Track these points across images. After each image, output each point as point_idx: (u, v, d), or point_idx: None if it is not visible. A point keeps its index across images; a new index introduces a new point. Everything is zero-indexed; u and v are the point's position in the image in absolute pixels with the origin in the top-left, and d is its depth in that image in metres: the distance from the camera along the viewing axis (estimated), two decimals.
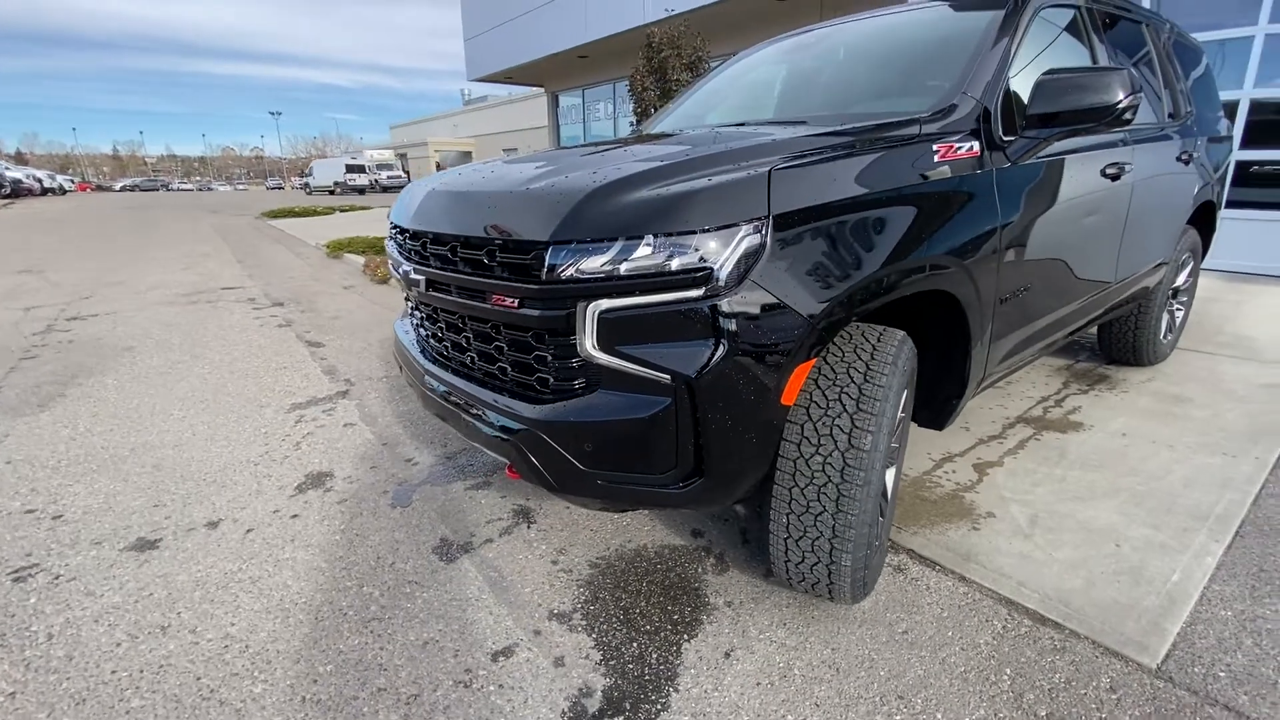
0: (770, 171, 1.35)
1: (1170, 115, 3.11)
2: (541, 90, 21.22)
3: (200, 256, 9.60)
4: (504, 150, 41.96)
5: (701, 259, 1.29)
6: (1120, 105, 1.74)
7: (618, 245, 1.30)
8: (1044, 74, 1.86)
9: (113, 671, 1.60)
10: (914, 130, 1.71)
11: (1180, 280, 3.65)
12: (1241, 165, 5.66)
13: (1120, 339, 3.50)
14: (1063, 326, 2.51)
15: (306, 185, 44.25)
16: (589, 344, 1.37)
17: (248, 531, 2.26)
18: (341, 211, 18.50)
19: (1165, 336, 3.62)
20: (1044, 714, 1.46)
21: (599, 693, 1.55)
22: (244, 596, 1.92)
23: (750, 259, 1.30)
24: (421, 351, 1.98)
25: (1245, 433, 2.81)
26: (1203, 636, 1.66)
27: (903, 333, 1.63)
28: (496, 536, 2.20)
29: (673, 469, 1.40)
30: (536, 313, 1.39)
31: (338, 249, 9.00)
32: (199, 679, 1.59)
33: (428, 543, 2.18)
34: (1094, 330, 3.48)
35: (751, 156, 1.44)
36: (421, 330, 1.99)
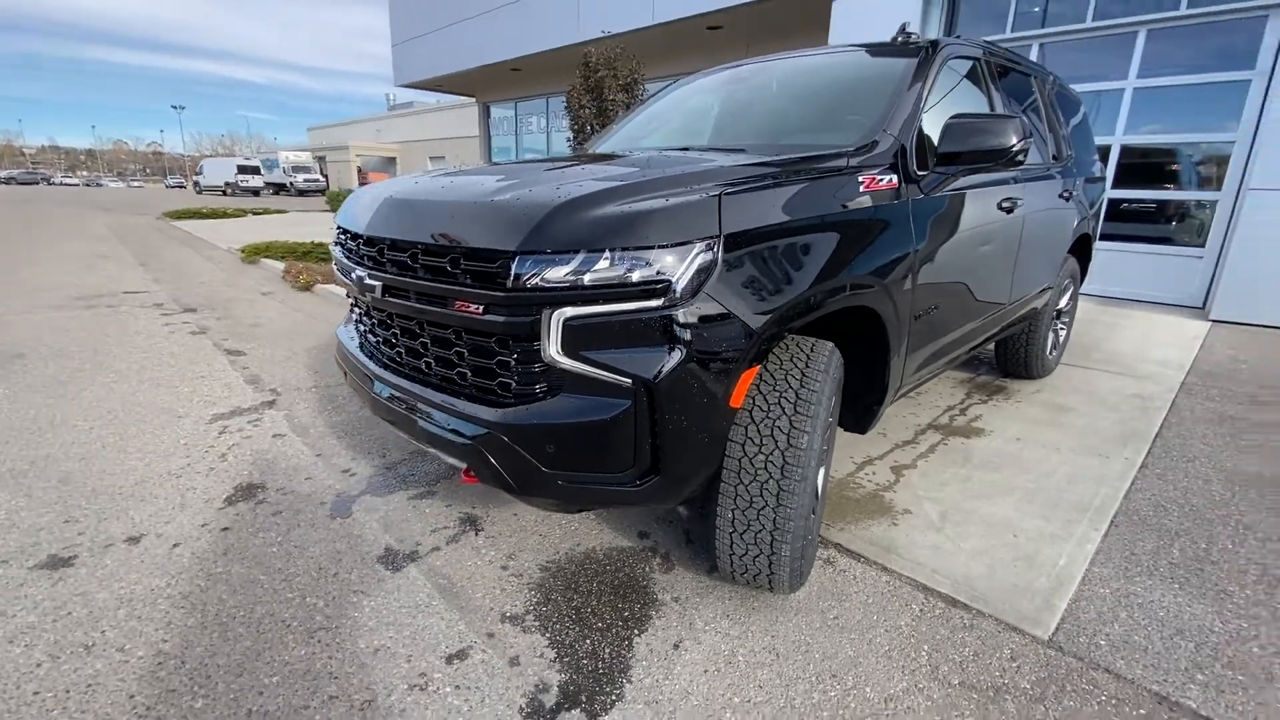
0: (721, 195, 1.48)
1: (1054, 157, 3.53)
2: (473, 100, 20.96)
3: (96, 259, 8.84)
4: (430, 159, 41.03)
5: (659, 272, 1.40)
6: (1015, 148, 2.01)
7: (582, 257, 1.38)
8: (951, 117, 2.11)
9: (35, 693, 1.50)
10: (842, 163, 1.90)
11: (1063, 303, 4.11)
12: (1113, 203, 6.43)
13: (1013, 355, 3.89)
14: (966, 342, 2.79)
15: (197, 184, 41.66)
16: (553, 349, 1.44)
17: (174, 546, 2.15)
18: (255, 214, 17.50)
19: (1051, 353, 4.06)
20: (956, 683, 1.64)
21: (555, 688, 1.61)
22: (175, 613, 1.83)
23: (704, 273, 1.42)
24: (371, 357, 1.98)
25: (1117, 437, 3.20)
26: (1085, 611, 1.91)
27: (831, 344, 1.80)
28: (444, 544, 2.21)
29: (631, 468, 1.49)
30: (502, 319, 1.45)
31: (254, 253, 8.54)
32: (132, 697, 1.51)
33: (372, 553, 2.15)
34: (991, 347, 3.86)
35: (702, 180, 1.57)
36: (372, 336, 1.99)
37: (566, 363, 1.44)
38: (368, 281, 1.75)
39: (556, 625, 1.83)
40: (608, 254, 1.38)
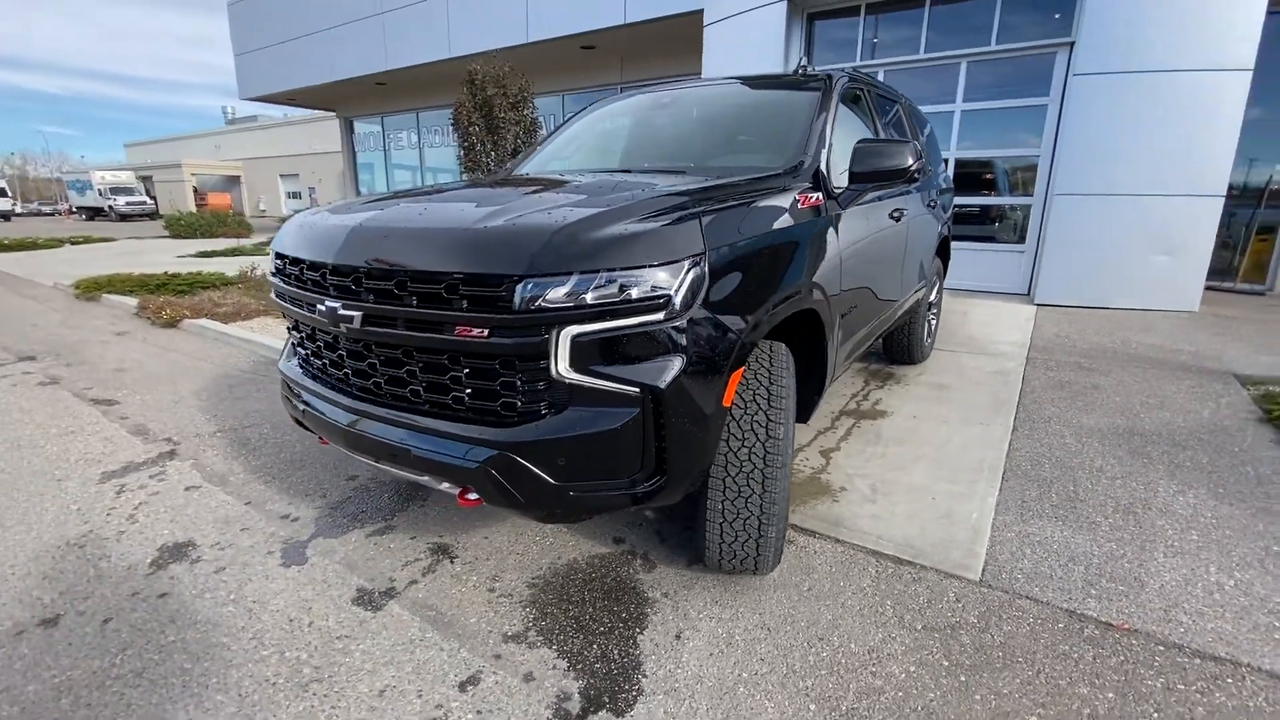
0: (700, 216, 1.63)
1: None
2: (330, 114, 19.71)
3: None
4: (281, 177, 37.84)
5: (655, 288, 1.52)
6: (912, 168, 2.35)
7: (586, 277, 1.47)
8: (859, 141, 2.43)
9: None
10: (783, 183, 2.14)
11: (932, 297, 4.74)
12: (954, 208, 7.45)
13: (899, 344, 4.43)
14: (875, 334, 3.17)
15: None
16: (562, 366, 1.51)
17: (105, 622, 1.92)
18: (74, 244, 15.18)
19: (927, 340, 4.66)
20: (920, 627, 1.90)
21: (576, 694, 1.66)
22: (131, 692, 1.65)
23: (696, 287, 1.56)
24: (340, 390, 1.91)
25: (990, 406, 3.77)
26: (1000, 553, 2.28)
27: (784, 345, 2.02)
28: (420, 577, 2.15)
29: (639, 472, 1.59)
30: (511, 340, 1.49)
31: (92, 289, 7.47)
32: None
33: (344, 596, 2.05)
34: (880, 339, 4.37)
35: (680, 200, 1.71)
36: (340, 368, 1.91)
37: (575, 378, 1.51)
38: (342, 312, 1.70)
39: (560, 636, 1.87)
40: (610, 274, 1.48)
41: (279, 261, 2.08)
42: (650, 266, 1.51)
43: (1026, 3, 6.66)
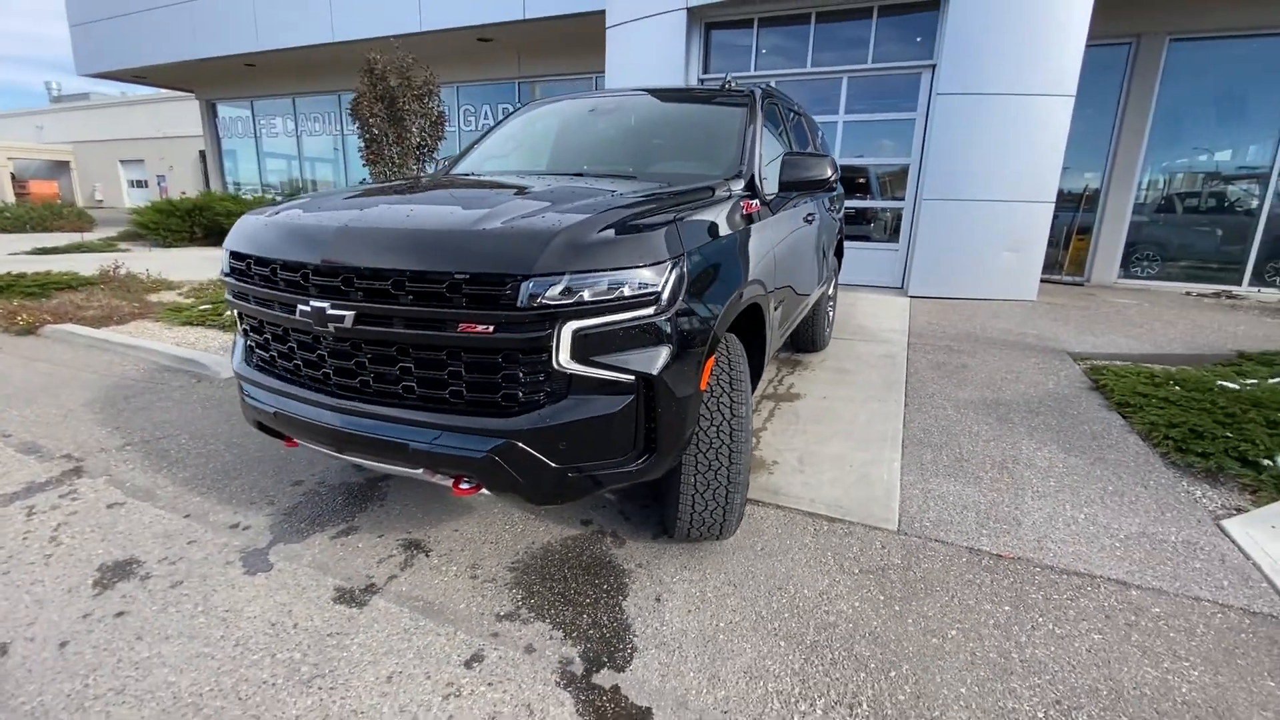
0: (677, 220, 1.84)
1: None
2: (190, 95, 17.77)
3: None
4: (122, 163, 33.52)
5: (645, 285, 1.70)
6: (831, 178, 2.70)
7: (585, 276, 1.63)
8: (785, 154, 2.75)
9: None
10: (728, 190, 2.39)
11: (830, 290, 5.27)
12: None
13: (804, 334, 4.89)
14: (794, 323, 3.55)
15: None
16: (563, 358, 1.65)
17: (62, 645, 1.81)
18: None
19: (827, 330, 5.18)
20: (857, 570, 2.24)
21: (577, 658, 1.82)
22: (120, 710, 1.60)
23: (679, 284, 1.76)
24: (322, 390, 1.91)
25: (883, 385, 4.30)
26: (909, 507, 2.69)
27: (735, 334, 2.28)
28: (399, 572, 2.20)
29: (632, 450, 1.78)
30: (517, 335, 1.62)
31: None
32: None
33: (323, 597, 2.06)
34: None
35: (654, 207, 1.90)
36: (318, 369, 1.92)
37: (576, 368, 1.67)
38: (331, 312, 1.73)
39: (550, 611, 2.01)
40: (606, 274, 1.65)
41: (238, 262, 2.03)
42: (641, 266, 1.69)
43: (896, 27, 7.47)
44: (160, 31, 13.92)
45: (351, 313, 1.72)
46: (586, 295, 1.63)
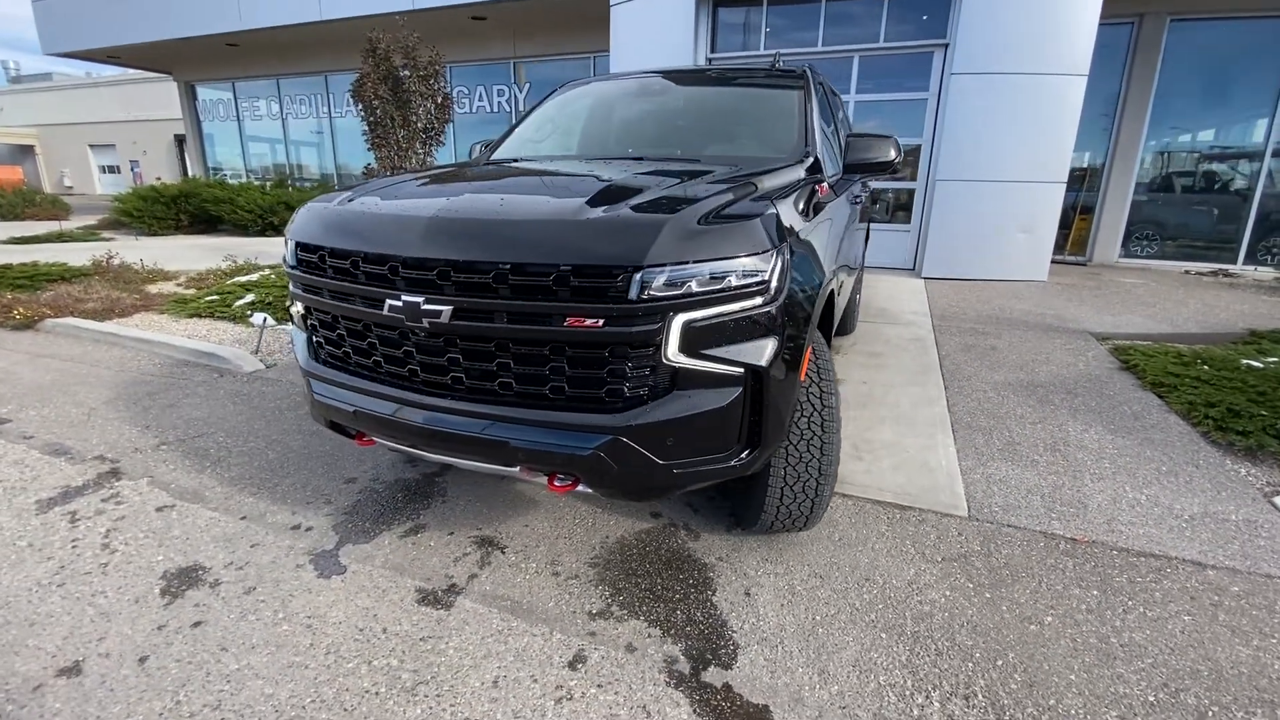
0: (776, 207, 1.77)
1: None
2: (168, 77, 17.13)
3: None
4: (91, 147, 32.45)
5: (753, 274, 1.64)
6: (895, 160, 2.64)
7: (696, 267, 1.56)
8: (849, 135, 2.68)
9: None
10: (801, 174, 2.32)
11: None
12: None
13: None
14: (843, 308, 3.51)
15: None
16: (672, 351, 1.59)
17: (141, 661, 1.73)
18: None
19: (855, 314, 5.15)
20: (940, 558, 2.22)
21: (681, 656, 1.78)
22: None
23: (784, 273, 1.70)
24: (404, 386, 1.83)
25: (919, 369, 4.29)
26: (975, 492, 2.68)
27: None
28: (478, 570, 2.14)
29: (736, 444, 1.73)
30: (628, 329, 1.55)
31: None
32: None
33: (406, 599, 2.00)
34: None
35: (751, 193, 1.83)
36: (403, 365, 1.83)
37: (685, 361, 1.61)
38: (426, 307, 1.64)
39: (641, 607, 1.97)
40: (716, 263, 1.58)
41: (308, 254, 1.93)
42: (749, 255, 1.63)
43: (908, 6, 7.38)
44: (135, 8, 13.32)
45: (449, 307, 1.63)
46: (694, 286, 1.57)
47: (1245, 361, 4.23)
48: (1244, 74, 8.66)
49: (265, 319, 4.96)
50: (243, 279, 6.36)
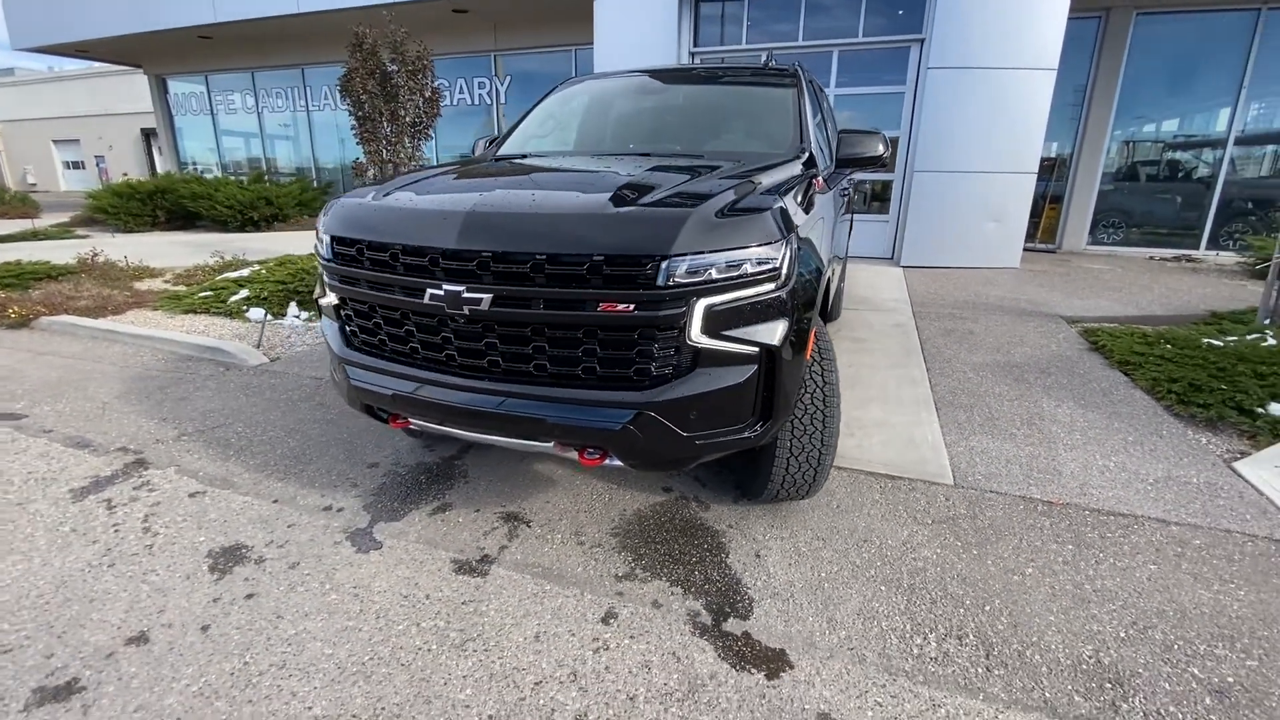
0: (784, 199, 1.94)
1: None
2: (138, 70, 16.72)
3: None
4: (55, 143, 31.52)
5: (767, 262, 1.80)
6: (883, 155, 2.83)
7: (718, 255, 1.72)
8: (840, 131, 2.86)
9: None
10: (798, 168, 2.50)
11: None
12: None
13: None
14: (834, 294, 3.70)
15: None
16: (695, 332, 1.75)
17: (204, 629, 1.85)
18: None
19: (840, 301, 5.37)
20: (930, 521, 2.43)
21: (703, 610, 1.96)
22: (290, 682, 1.67)
23: (793, 260, 1.87)
24: (444, 370, 1.97)
25: (902, 353, 4.52)
26: (959, 463, 2.90)
27: None
28: (509, 542, 2.29)
29: (751, 417, 1.90)
30: (656, 314, 1.71)
31: None
32: None
33: (443, 569, 2.14)
34: None
35: (760, 186, 2.00)
36: (441, 351, 1.97)
37: (707, 342, 1.77)
38: (467, 295, 1.78)
39: (663, 570, 2.14)
40: (735, 252, 1.75)
41: (345, 247, 2.05)
42: (763, 244, 1.79)
43: (887, 1, 7.59)
44: (106, 1, 13.02)
45: (489, 295, 1.77)
46: (715, 273, 1.73)
47: (1206, 340, 4.53)
48: (1207, 65, 9.04)
49: (265, 314, 5.02)
50: (233, 275, 6.36)
